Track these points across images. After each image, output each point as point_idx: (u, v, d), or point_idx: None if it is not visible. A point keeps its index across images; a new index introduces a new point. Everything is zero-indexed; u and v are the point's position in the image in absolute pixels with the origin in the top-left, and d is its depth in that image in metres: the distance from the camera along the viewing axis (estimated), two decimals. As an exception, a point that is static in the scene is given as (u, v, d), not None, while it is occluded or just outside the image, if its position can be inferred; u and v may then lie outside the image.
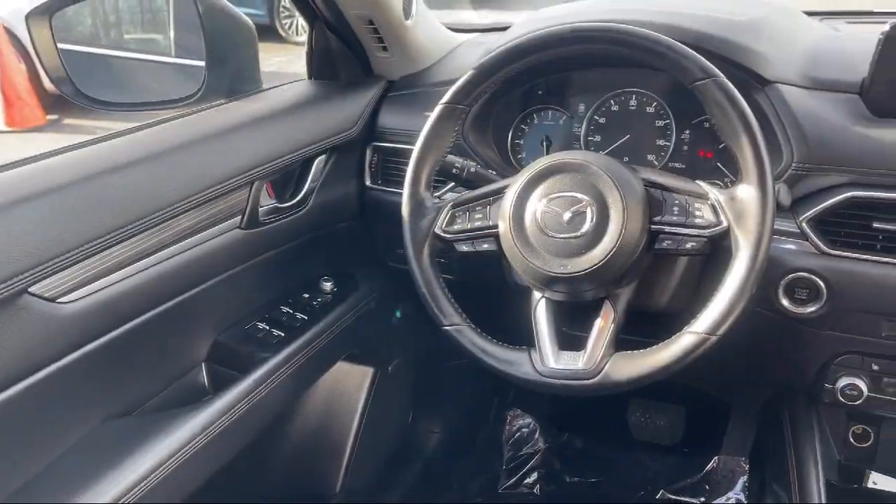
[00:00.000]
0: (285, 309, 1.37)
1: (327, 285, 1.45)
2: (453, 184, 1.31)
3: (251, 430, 1.21)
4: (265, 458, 1.53)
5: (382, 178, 1.46)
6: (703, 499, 1.87)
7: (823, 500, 1.12)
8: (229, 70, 1.31)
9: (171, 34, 1.43)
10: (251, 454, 1.26)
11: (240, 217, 1.20)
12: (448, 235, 1.08)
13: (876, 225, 1.05)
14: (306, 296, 1.42)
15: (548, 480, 1.97)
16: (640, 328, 1.05)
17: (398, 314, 1.68)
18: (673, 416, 1.96)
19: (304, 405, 1.59)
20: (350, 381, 1.66)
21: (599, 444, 2.03)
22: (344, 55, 1.47)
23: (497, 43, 1.12)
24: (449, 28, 1.64)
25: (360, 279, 1.53)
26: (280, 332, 1.30)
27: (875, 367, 1.13)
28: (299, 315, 1.36)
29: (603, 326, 1.00)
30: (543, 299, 1.05)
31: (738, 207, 0.93)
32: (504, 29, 1.49)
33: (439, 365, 1.90)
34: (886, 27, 1.05)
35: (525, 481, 1.98)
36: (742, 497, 1.82)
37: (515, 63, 1.05)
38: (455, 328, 1.06)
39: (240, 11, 1.32)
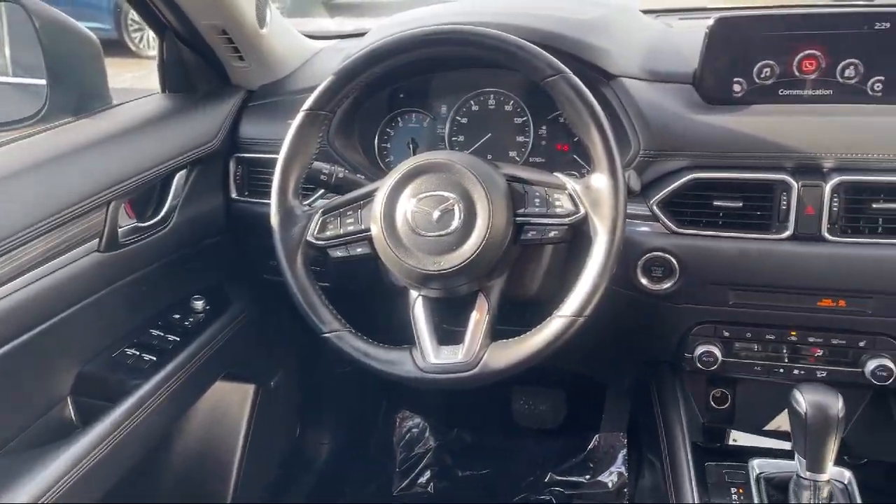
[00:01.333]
0: (156, 332, 1.31)
1: (199, 304, 1.40)
2: (322, 191, 1.31)
3: (127, 461, 1.15)
4: (147, 488, 1.46)
5: (249, 189, 1.43)
6: (587, 476, 1.97)
7: (690, 461, 1.21)
8: (74, 87, 1.24)
9: (7, 52, 1.34)
10: (131, 485, 1.20)
11: (97, 240, 1.14)
12: (321, 242, 1.07)
13: (716, 203, 1.15)
14: (177, 316, 1.37)
15: (440, 477, 2.00)
16: (516, 317, 1.09)
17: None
18: (554, 401, 2.04)
19: (183, 430, 1.53)
20: (231, 400, 1.62)
21: (487, 436, 2.08)
22: (199, 66, 1.43)
23: (356, 48, 1.13)
24: (306, 36, 1.63)
25: (234, 295, 1.49)
26: (151, 357, 1.24)
27: (726, 334, 1.23)
28: (171, 337, 1.31)
29: (479, 319, 1.03)
30: (420, 298, 1.06)
31: (593, 195, 0.99)
32: (362, 35, 1.50)
33: (324, 375, 1.88)
34: (711, 21, 1.15)
35: (419, 481, 2.00)
36: (623, 469, 1.93)
37: (374, 67, 1.06)
38: (335, 334, 1.06)
39: (82, 26, 1.25)
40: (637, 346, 1.38)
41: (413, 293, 1.07)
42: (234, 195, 1.43)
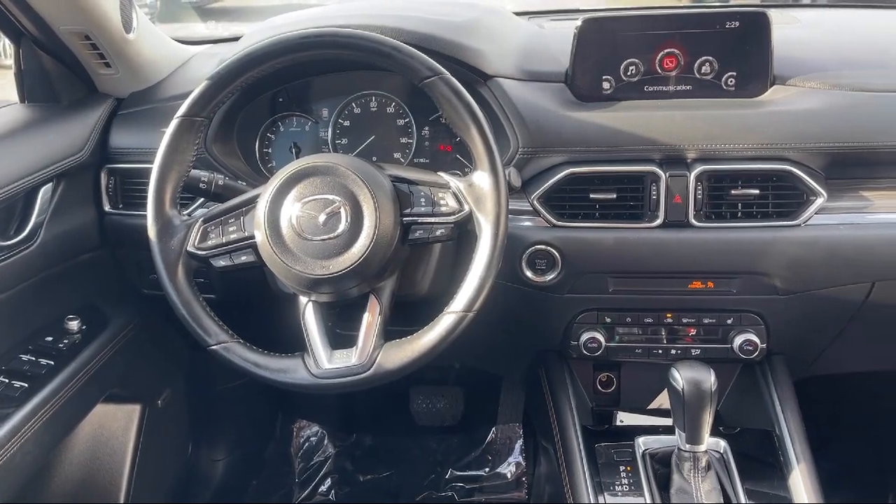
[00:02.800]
0: (26, 357, 1.23)
1: (74, 324, 1.33)
2: (202, 199, 1.27)
3: (2, 496, 1.08)
4: None
5: (123, 201, 1.36)
6: (487, 469, 2.01)
7: (581, 444, 1.26)
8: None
9: None
10: None
11: None
12: (202, 252, 1.04)
13: (592, 196, 1.20)
14: (50, 339, 1.29)
15: (342, 484, 1.98)
16: (409, 317, 1.10)
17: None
18: (452, 398, 2.07)
19: (64, 458, 1.45)
20: (115, 423, 1.54)
21: (387, 438, 2.08)
22: (61, 74, 1.35)
23: (231, 53, 1.10)
24: (179, 41, 1.58)
25: (113, 312, 1.42)
26: (22, 384, 1.17)
27: (608, 320, 1.29)
28: (44, 361, 1.23)
29: (371, 321, 1.03)
30: (310, 303, 1.05)
31: (476, 193, 1.02)
32: (237, 39, 1.46)
33: (215, 389, 1.82)
34: (579, 22, 1.21)
35: (319, 489, 1.97)
36: (520, 459, 1.98)
37: (250, 71, 1.04)
38: (222, 346, 1.03)
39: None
40: (527, 337, 1.42)
41: (302, 299, 1.06)
42: (107, 208, 1.36)
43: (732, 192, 1.18)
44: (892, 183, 1.21)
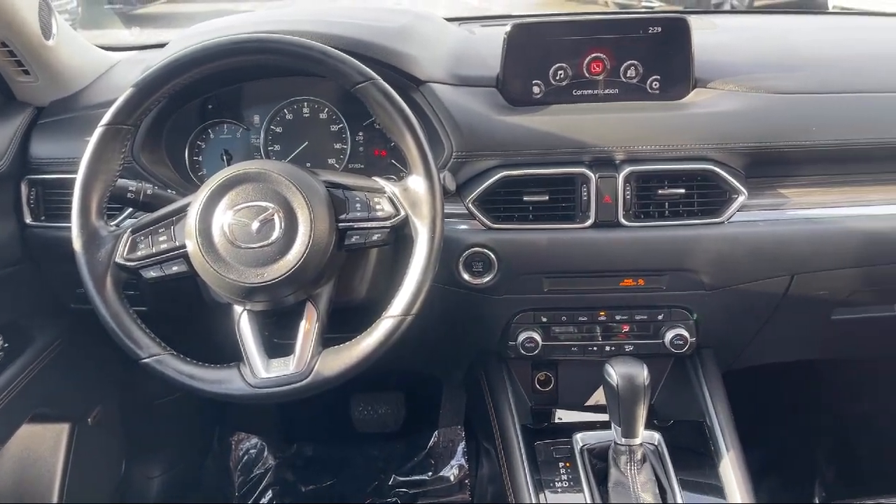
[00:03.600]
0: None
1: (-5, 343, 1.27)
2: (131, 209, 1.24)
3: None
4: None
5: (46, 213, 1.31)
6: (430, 473, 2.01)
7: (521, 443, 1.27)
8: None
9: None
10: None
11: None
12: (131, 263, 1.02)
13: (526, 198, 1.22)
14: None
15: (283, 495, 1.95)
16: (348, 323, 1.10)
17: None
18: (393, 403, 2.07)
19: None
20: (43, 443, 1.48)
21: (329, 447, 2.06)
22: (-25, 82, 1.30)
23: (156, 59, 1.08)
24: (102, 48, 1.53)
25: (37, 329, 1.37)
26: (-60, 406, 1.11)
27: (544, 320, 1.31)
28: (-37, 382, 1.17)
29: (308, 328, 1.03)
30: (246, 312, 1.04)
31: (411, 197, 1.02)
32: (163, 46, 1.43)
33: (149, 404, 1.77)
34: (508, 28, 1.23)
35: (261, 502, 1.94)
36: (463, 461, 1.99)
37: (177, 77, 1.02)
38: (155, 359, 1.01)
39: None
40: (466, 339, 1.43)
41: (237, 308, 1.05)
42: (28, 220, 1.31)
43: (659, 191, 1.22)
44: (807, 180, 1.28)
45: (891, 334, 1.49)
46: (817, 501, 1.23)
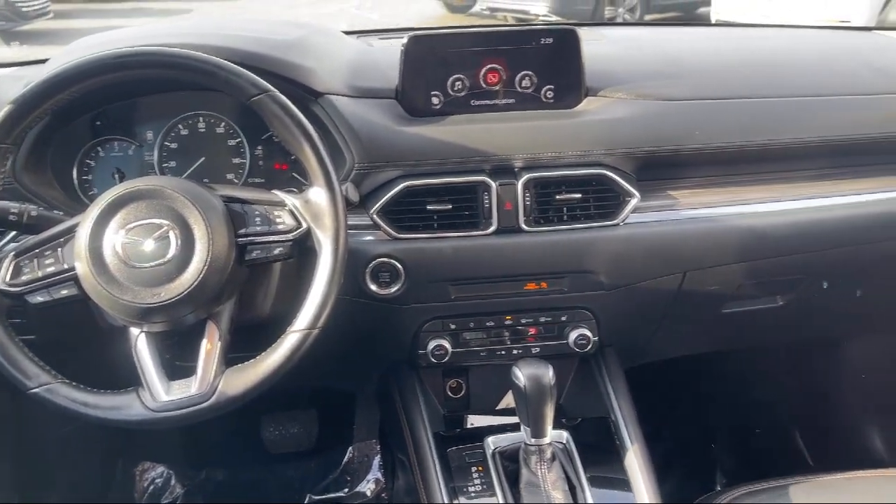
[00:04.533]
0: None
1: None
2: (14, 233, 1.17)
3: None
4: None
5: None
6: (346, 490, 1.99)
7: (434, 451, 1.28)
8: None
9: None
10: None
11: None
12: (15, 289, 0.97)
13: (429, 207, 1.23)
14: None
15: (193, 523, 1.88)
16: (254, 341, 1.07)
17: None
18: (305, 421, 2.03)
19: None
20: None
21: (240, 471, 2.00)
22: None
23: (37, 75, 1.03)
24: (-23, 64, 1.45)
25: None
26: None
27: (453, 327, 1.32)
28: None
29: (210, 348, 1.00)
30: (143, 334, 1.01)
31: (313, 209, 1.02)
32: (45, 61, 1.37)
33: (42, 438, 1.67)
34: (405, 40, 1.24)
35: (169, 533, 1.86)
36: (379, 475, 1.98)
37: (60, 93, 0.98)
38: (45, 388, 0.96)
39: None
40: (375, 350, 1.43)
41: (134, 331, 1.01)
42: None
43: (557, 197, 1.26)
44: (694, 182, 1.35)
45: (776, 324, 1.59)
46: (719, 488, 1.29)
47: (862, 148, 1.38)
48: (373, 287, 1.24)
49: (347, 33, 1.58)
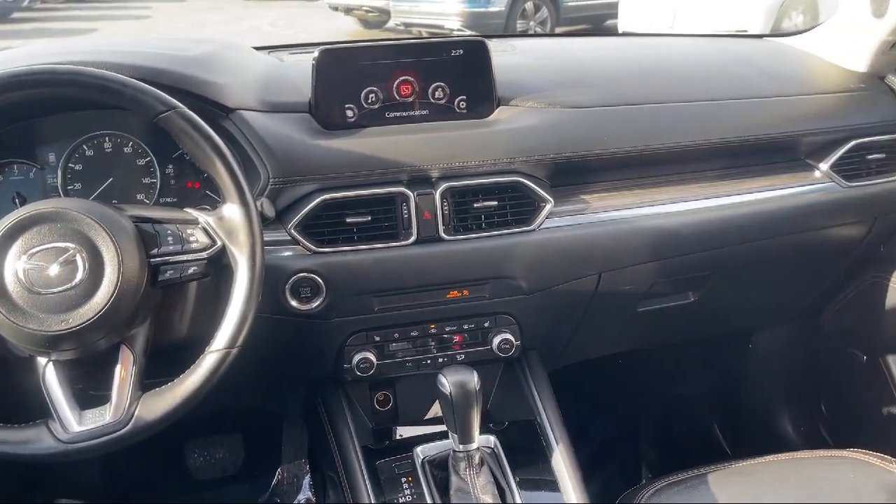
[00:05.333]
0: None
1: None
2: None
3: None
4: None
5: None
6: (276, 512, 1.94)
7: (363, 465, 1.27)
8: None
9: None
10: None
11: None
12: None
13: (348, 220, 1.23)
14: None
15: (116, 559, 1.80)
16: (173, 364, 1.04)
17: None
18: (231, 445, 1.98)
19: None
20: None
21: (164, 500, 1.93)
22: None
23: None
24: None
25: None
26: None
27: (378, 339, 1.32)
28: None
29: (124, 374, 0.97)
30: (51, 363, 0.96)
31: (227, 226, 1.00)
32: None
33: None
34: (316, 54, 1.24)
35: (89, 572, 1.78)
36: (310, 495, 1.94)
37: None
38: None
39: None
40: (299, 367, 1.41)
41: (41, 360, 0.96)
42: None
43: (475, 205, 1.28)
44: (605, 185, 1.40)
45: (689, 320, 1.66)
46: (644, 482, 1.33)
47: (757, 148, 1.46)
48: (293, 303, 1.22)
49: (258, 49, 1.56)
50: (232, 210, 1.00)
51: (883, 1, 1.48)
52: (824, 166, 1.51)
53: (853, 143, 1.51)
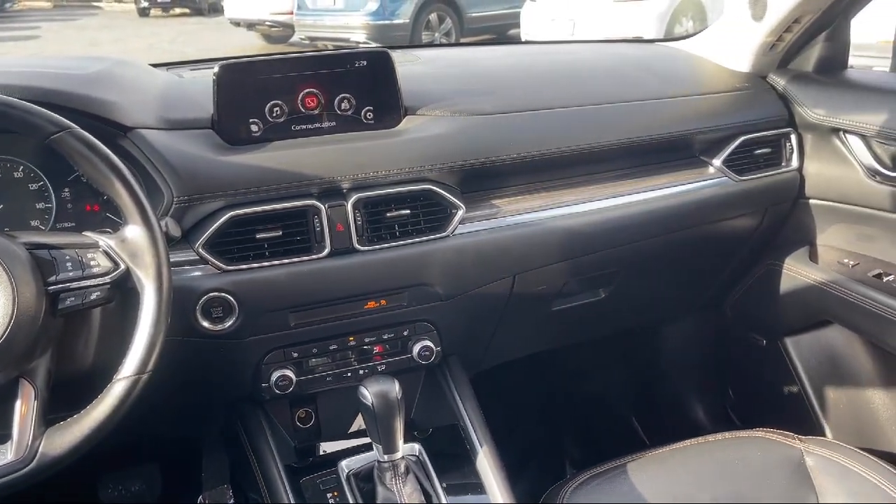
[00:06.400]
0: None
1: None
2: None
3: None
4: None
5: None
6: (199, 542, 1.87)
7: (287, 485, 1.25)
8: None
9: None
10: None
11: None
12: None
13: (259, 236, 1.21)
14: None
15: None
16: (79, 394, 1.00)
17: None
18: (148, 476, 1.90)
19: None
20: None
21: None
22: None
23: None
24: None
25: None
26: None
27: (296, 355, 1.30)
28: None
29: (25, 410, 0.92)
30: (-58, 404, 0.90)
31: (130, 248, 0.97)
32: None
33: None
34: (216, 69, 1.22)
35: None
36: (234, 521, 1.89)
37: None
38: None
39: None
40: (215, 389, 1.38)
41: (-71, 401, 0.90)
42: None
43: (388, 214, 1.28)
44: (515, 189, 1.43)
45: (601, 316, 1.71)
46: (567, 478, 1.36)
47: (655, 147, 1.53)
48: (205, 324, 1.19)
49: (155, 66, 1.52)
50: (134, 231, 0.97)
51: (761, 5, 1.58)
52: (717, 162, 1.59)
53: (741, 139, 1.60)
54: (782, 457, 1.31)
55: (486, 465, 1.30)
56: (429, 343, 1.36)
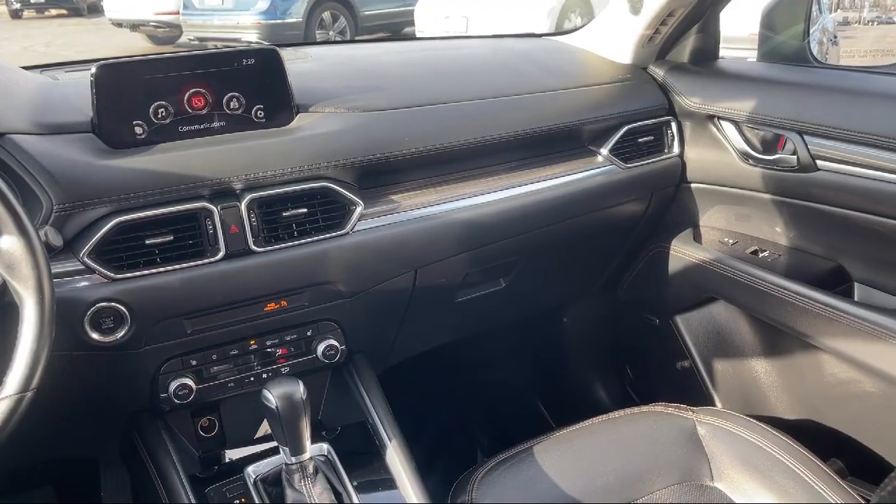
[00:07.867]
0: None
1: None
2: None
3: None
4: None
5: None
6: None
7: (191, 496, 1.21)
8: None
9: None
10: None
11: None
12: None
13: (148, 241, 1.16)
14: None
15: None
16: None
17: None
18: (42, 500, 1.80)
19: None
20: None
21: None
22: None
23: None
24: None
25: None
26: None
27: (195, 363, 1.27)
28: None
29: None
30: None
31: (6, 260, 0.91)
32: None
33: None
34: (94, 69, 1.16)
35: None
36: (139, 540, 1.81)
37: None
38: None
39: None
40: (110, 404, 1.32)
41: None
42: None
43: (284, 214, 1.26)
44: (413, 184, 1.44)
45: (503, 305, 1.75)
46: (478, 464, 1.39)
47: (545, 138, 1.58)
48: (95, 336, 1.14)
49: (27, 68, 1.44)
50: (10, 242, 0.91)
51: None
52: (604, 151, 1.66)
53: (625, 128, 1.67)
54: (677, 428, 1.38)
55: (396, 460, 1.31)
56: (333, 342, 1.35)
